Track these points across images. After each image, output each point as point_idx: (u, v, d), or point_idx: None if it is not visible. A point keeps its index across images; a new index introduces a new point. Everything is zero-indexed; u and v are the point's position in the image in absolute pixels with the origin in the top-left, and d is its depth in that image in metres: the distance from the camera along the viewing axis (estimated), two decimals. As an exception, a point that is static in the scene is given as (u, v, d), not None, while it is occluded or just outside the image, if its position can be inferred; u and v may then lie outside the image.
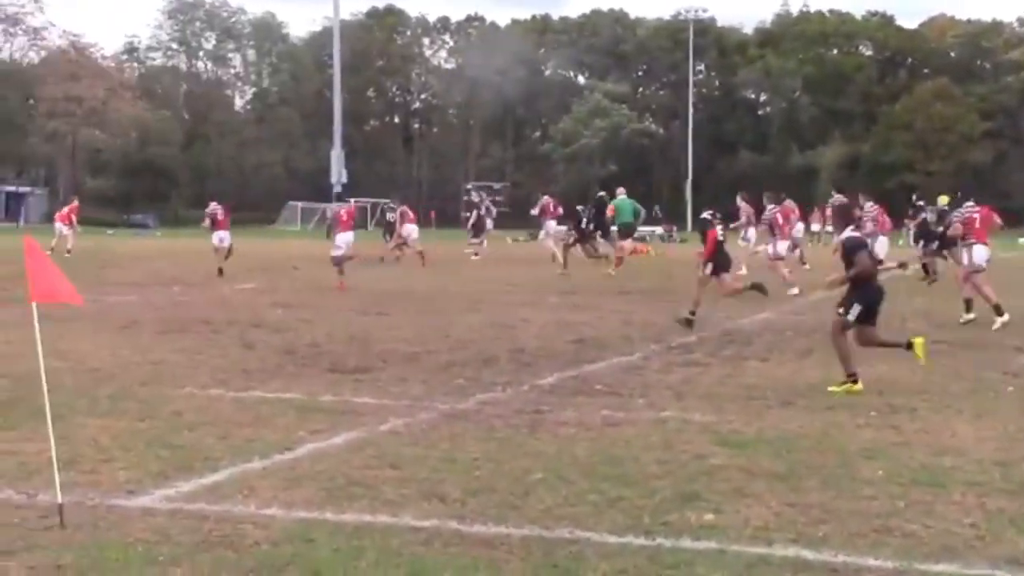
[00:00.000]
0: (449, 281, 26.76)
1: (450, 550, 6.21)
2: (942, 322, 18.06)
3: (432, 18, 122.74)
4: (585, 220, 32.53)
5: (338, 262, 25.20)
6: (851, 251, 11.73)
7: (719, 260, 17.87)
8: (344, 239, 25.64)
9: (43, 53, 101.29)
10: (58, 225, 42.05)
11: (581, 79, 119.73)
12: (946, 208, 28.03)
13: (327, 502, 7.11)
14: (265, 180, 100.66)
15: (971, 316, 18.00)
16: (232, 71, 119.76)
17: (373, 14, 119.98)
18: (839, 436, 9.26)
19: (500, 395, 11.15)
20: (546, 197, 39.03)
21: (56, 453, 6.91)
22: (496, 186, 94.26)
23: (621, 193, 32.80)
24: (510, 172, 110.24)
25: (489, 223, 43.12)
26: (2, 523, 6.61)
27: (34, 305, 7.02)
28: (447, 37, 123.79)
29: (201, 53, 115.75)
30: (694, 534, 6.51)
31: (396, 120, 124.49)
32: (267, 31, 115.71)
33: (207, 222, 30.29)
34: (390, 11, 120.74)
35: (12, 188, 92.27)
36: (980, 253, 18.43)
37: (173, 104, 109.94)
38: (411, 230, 35.33)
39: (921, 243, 28.87)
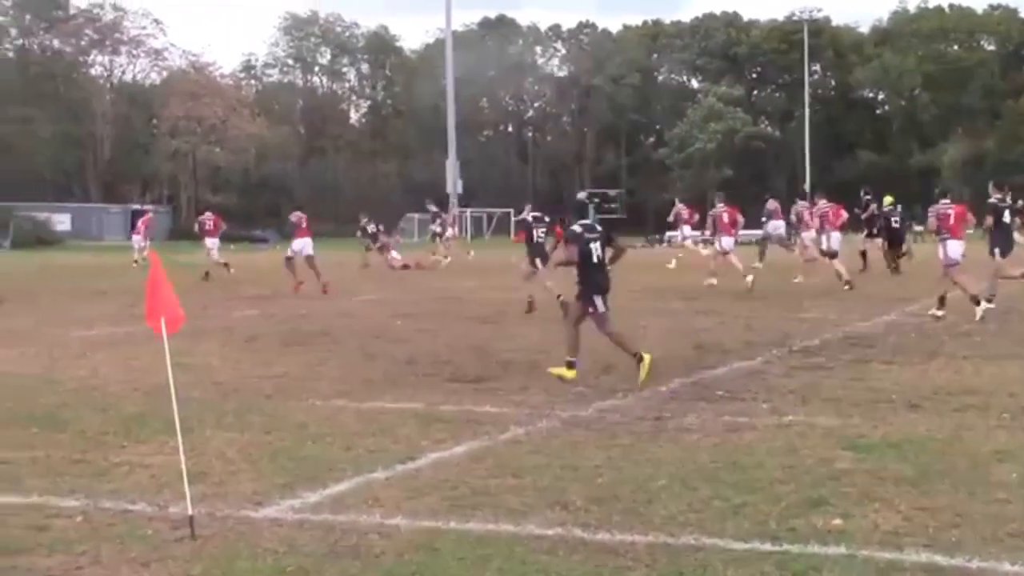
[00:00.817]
0: (568, 288, 26.67)
1: (575, 558, 6.21)
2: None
3: (543, 26, 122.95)
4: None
5: (310, 265, 27.08)
6: (565, 242, 13.17)
7: (534, 254, 20.66)
8: (302, 244, 27.33)
9: (164, 74, 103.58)
10: (135, 238, 42.96)
11: (695, 83, 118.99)
12: (892, 207, 31.58)
13: (451, 511, 7.15)
14: (381, 192, 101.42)
15: (941, 313, 18.38)
16: (347, 85, 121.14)
17: (485, 24, 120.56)
18: (970, 439, 9.08)
19: (621, 402, 11.12)
20: (528, 206, 40.84)
21: (186, 466, 7.06)
22: (611, 193, 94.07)
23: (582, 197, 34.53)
24: (625, 179, 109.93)
25: (450, 232, 46.05)
26: (136, 535, 6.77)
27: (163, 320, 7.17)
28: (559, 45, 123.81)
29: (316, 68, 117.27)
30: (822, 539, 6.43)
31: (510, 129, 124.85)
32: (380, 44, 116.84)
33: (197, 229, 33.89)
34: (502, 21, 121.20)
35: (137, 206, 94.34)
36: (954, 248, 19.05)
37: (290, 119, 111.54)
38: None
39: (875, 237, 31.94)
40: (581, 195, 23.20)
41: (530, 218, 21.53)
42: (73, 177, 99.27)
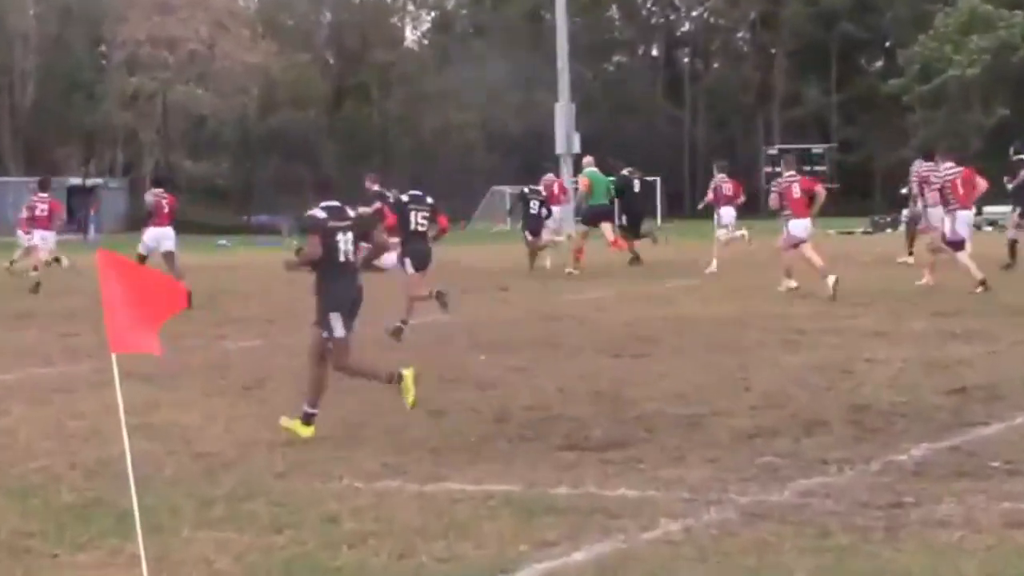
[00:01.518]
0: (747, 301, 26.59)
1: None
2: None
3: None
4: (538, 205, 38.76)
5: (168, 265, 28.45)
6: (303, 232, 14.20)
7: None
8: (157, 235, 29.07)
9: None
10: (20, 234, 43.41)
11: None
12: None
13: (568, 655, 7.15)
14: (454, 153, 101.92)
15: None
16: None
17: None
18: None
19: (834, 479, 11.08)
20: (549, 176, 44.21)
21: (151, 584, 7.09)
22: (816, 149, 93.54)
23: (590, 164, 38.11)
24: (837, 126, 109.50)
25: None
26: None
27: (114, 358, 7.21)
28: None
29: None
30: None
31: (654, 53, 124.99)
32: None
33: (24, 214, 35.92)
34: None
35: (77, 180, 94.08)
36: None
37: (311, 43, 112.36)
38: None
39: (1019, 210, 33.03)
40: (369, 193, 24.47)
41: (406, 198, 23.30)
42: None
